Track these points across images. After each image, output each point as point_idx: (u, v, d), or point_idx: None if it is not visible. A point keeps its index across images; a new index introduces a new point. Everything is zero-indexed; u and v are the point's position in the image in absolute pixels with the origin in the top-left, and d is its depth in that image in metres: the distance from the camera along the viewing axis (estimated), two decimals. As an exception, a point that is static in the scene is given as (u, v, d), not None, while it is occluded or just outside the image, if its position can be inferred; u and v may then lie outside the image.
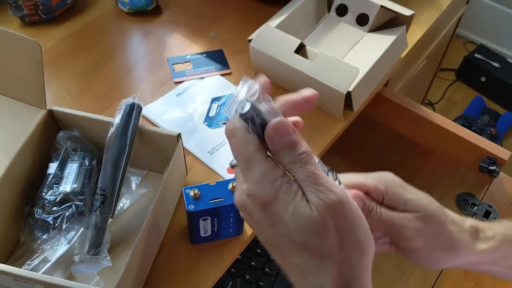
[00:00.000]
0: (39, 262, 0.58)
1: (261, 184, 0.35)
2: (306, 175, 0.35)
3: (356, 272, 0.35)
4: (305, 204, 0.34)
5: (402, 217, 0.44)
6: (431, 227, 0.44)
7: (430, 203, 0.45)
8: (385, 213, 0.44)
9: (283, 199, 0.34)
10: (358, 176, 0.45)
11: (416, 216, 0.43)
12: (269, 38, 0.75)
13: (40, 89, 0.62)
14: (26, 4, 0.84)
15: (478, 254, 0.46)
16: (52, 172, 0.61)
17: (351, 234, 0.35)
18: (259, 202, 0.35)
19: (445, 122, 0.85)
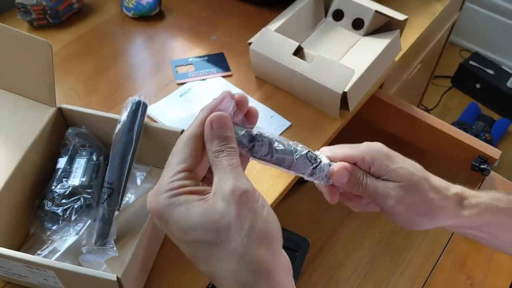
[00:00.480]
0: (49, 252, 0.61)
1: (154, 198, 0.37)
2: (228, 164, 0.36)
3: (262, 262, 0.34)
4: (197, 204, 0.35)
5: (386, 185, 0.47)
6: (412, 195, 0.47)
7: (413, 173, 0.48)
8: (370, 182, 0.47)
9: (172, 208, 0.35)
10: (347, 149, 0.49)
11: (398, 185, 0.47)
12: (269, 41, 0.78)
13: (50, 87, 0.65)
14: (35, 9, 0.87)
15: (460, 219, 0.50)
16: (61, 167, 0.64)
17: (253, 223, 0.34)
18: (155, 217, 0.36)
19: (438, 123, 0.88)
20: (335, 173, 0.46)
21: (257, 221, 0.35)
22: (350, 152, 0.48)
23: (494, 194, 0.52)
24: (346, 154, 0.48)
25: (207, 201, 0.35)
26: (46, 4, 0.87)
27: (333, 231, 0.82)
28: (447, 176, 0.89)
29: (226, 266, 0.34)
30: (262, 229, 0.35)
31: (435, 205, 0.48)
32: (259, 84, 0.84)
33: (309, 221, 0.83)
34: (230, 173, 0.36)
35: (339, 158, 0.48)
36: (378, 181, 0.48)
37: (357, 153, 0.48)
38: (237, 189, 0.35)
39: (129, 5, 0.92)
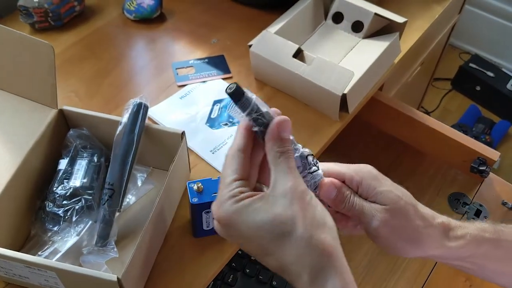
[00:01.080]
0: (50, 253, 0.61)
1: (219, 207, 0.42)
2: (287, 167, 0.41)
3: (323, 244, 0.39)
4: (260, 204, 0.40)
5: (372, 207, 0.48)
6: (397, 219, 0.48)
7: (400, 197, 0.48)
8: (357, 201, 0.48)
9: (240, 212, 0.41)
10: (339, 166, 0.50)
11: (384, 208, 0.47)
12: (269, 44, 0.79)
13: (52, 89, 0.65)
14: (36, 11, 0.88)
15: (446, 250, 0.50)
16: (63, 168, 0.64)
17: (313, 213, 0.40)
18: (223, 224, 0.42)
19: (437, 125, 0.88)
20: (324, 186, 0.47)
21: (316, 213, 0.40)
22: (340, 169, 0.49)
23: (480, 225, 0.52)
24: (336, 171, 0.49)
25: (268, 199, 0.40)
26: (48, 6, 0.88)
27: (332, 233, 0.82)
28: (447, 177, 0.90)
29: (297, 252, 0.39)
30: (322, 218, 0.40)
31: (420, 232, 0.48)
32: (259, 86, 0.85)
33: (308, 222, 0.83)
34: (290, 174, 0.41)
35: (328, 174, 0.49)
36: (365, 202, 0.48)
37: (347, 171, 0.49)
38: (297, 188, 0.40)
39: (131, 7, 0.93)
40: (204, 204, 0.58)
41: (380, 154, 0.94)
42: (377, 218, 0.47)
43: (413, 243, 0.49)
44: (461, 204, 0.85)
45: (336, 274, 0.39)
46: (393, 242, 0.49)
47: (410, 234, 0.48)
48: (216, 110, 0.80)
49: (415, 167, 0.92)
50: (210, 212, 0.60)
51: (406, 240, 0.49)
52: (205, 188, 0.59)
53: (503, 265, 0.53)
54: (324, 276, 0.38)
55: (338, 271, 0.39)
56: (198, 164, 0.73)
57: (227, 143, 0.76)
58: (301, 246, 0.39)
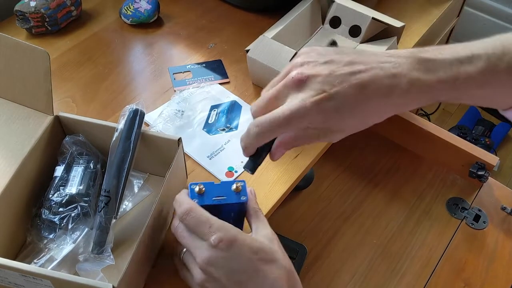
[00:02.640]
0: (46, 261, 0.61)
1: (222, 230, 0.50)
2: (263, 218, 0.56)
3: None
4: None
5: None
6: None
7: None
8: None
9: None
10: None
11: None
12: (266, 49, 0.79)
13: (48, 96, 0.65)
14: (33, 16, 0.87)
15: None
16: (59, 175, 0.64)
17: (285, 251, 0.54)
18: (228, 240, 0.48)
19: (436, 130, 0.88)
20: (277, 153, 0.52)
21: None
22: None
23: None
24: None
25: (256, 237, 0.52)
26: (45, 11, 0.87)
27: (330, 238, 0.82)
28: (444, 182, 0.90)
29: (278, 275, 0.49)
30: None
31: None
32: (256, 91, 0.84)
33: (306, 228, 0.83)
34: (267, 223, 0.54)
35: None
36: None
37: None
38: (273, 233, 0.53)
39: (128, 12, 0.93)
40: (204, 206, 0.56)
41: (378, 159, 0.93)
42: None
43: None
44: (459, 209, 0.85)
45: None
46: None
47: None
48: (213, 116, 0.80)
49: (413, 171, 0.91)
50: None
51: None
52: (207, 191, 0.56)
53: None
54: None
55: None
56: (195, 169, 0.73)
57: (224, 148, 0.75)
58: (283, 273, 0.50)
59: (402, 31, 0.86)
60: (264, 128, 0.47)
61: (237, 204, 0.55)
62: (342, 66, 0.44)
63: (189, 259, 0.52)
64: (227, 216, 0.58)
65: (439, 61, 0.45)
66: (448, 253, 0.80)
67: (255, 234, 0.52)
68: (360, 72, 0.43)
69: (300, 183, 0.82)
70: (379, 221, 0.84)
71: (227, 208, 0.57)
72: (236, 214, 0.59)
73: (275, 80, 0.49)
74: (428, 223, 0.84)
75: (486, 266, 0.79)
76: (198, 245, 0.49)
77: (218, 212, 0.56)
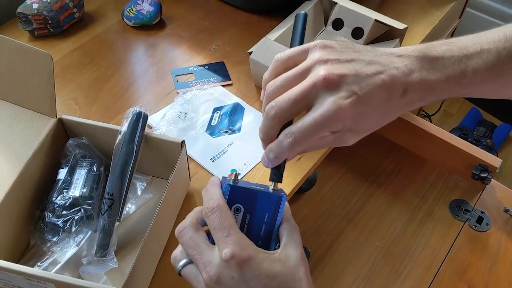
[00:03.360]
0: (49, 264, 0.61)
1: (243, 243, 0.42)
2: (299, 240, 0.46)
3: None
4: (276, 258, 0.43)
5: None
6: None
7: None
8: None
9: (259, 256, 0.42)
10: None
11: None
12: (269, 51, 0.78)
13: (51, 98, 0.65)
14: (36, 19, 0.87)
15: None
16: (62, 178, 0.64)
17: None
18: (240, 259, 0.41)
19: (438, 131, 0.88)
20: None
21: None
22: None
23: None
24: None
25: (281, 257, 0.43)
26: (47, 13, 0.87)
27: (333, 240, 0.82)
28: (447, 184, 0.90)
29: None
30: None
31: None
32: (259, 93, 0.84)
33: (309, 229, 0.83)
34: (299, 244, 0.45)
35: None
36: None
37: None
38: (303, 257, 0.44)
39: (130, 14, 0.93)
40: (238, 189, 0.45)
41: (381, 161, 0.93)
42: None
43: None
44: (462, 211, 0.85)
45: None
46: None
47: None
48: (216, 118, 0.80)
49: (416, 173, 0.91)
50: (240, 210, 0.47)
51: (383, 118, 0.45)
52: (241, 182, 0.47)
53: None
54: None
55: None
56: (198, 172, 0.73)
57: (227, 151, 0.75)
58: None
59: (405, 33, 0.86)
60: (298, 138, 0.43)
61: (274, 199, 0.46)
62: (365, 66, 0.43)
63: (191, 274, 0.44)
64: (259, 217, 0.47)
65: (447, 59, 0.45)
66: (451, 255, 0.80)
67: (281, 254, 0.43)
68: (380, 73, 0.43)
69: (303, 185, 0.82)
70: (382, 223, 0.84)
71: (262, 201, 0.46)
72: (270, 217, 0.47)
73: (290, 74, 0.44)
74: (431, 225, 0.84)
75: (489, 268, 0.79)
76: (207, 257, 0.42)
77: (252, 206, 0.47)
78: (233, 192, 0.45)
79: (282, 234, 0.45)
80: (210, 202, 0.43)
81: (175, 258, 0.45)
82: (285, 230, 0.45)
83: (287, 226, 0.45)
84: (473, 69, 0.44)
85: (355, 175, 0.91)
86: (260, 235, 0.46)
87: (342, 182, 0.90)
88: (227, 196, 0.45)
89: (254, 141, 0.77)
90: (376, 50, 0.45)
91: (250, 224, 0.46)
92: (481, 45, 0.45)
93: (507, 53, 0.45)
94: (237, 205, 0.46)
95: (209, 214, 0.43)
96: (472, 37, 0.46)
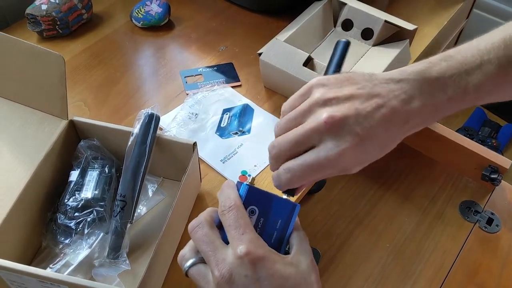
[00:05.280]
0: (62, 266, 0.61)
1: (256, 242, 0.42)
2: (309, 248, 0.46)
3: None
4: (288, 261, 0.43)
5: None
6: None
7: None
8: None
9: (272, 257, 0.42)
10: None
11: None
12: (278, 52, 0.78)
13: (63, 100, 0.65)
14: (44, 20, 0.87)
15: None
16: (74, 180, 0.64)
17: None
18: (255, 257, 0.40)
19: (447, 132, 0.87)
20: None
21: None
22: None
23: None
24: None
25: (292, 261, 0.43)
26: (56, 15, 0.87)
27: (343, 242, 0.82)
28: (457, 185, 0.89)
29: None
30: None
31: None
32: (268, 94, 0.84)
33: (319, 231, 0.83)
34: (309, 252, 0.45)
35: None
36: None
37: None
38: (314, 264, 0.44)
39: (139, 15, 0.93)
40: (253, 191, 0.45)
41: (390, 162, 0.93)
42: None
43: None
44: (472, 213, 0.84)
45: None
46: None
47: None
48: (225, 119, 0.80)
49: (425, 174, 0.91)
50: (255, 212, 0.47)
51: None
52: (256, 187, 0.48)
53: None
54: None
55: None
56: (208, 173, 0.73)
57: (237, 152, 0.75)
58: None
59: (414, 34, 0.85)
60: (296, 176, 0.44)
61: (289, 206, 0.46)
62: (364, 102, 0.43)
63: (199, 274, 0.42)
64: (273, 223, 0.47)
65: (447, 78, 0.44)
66: (462, 257, 0.79)
67: (293, 259, 0.43)
68: (380, 107, 0.43)
69: (312, 187, 0.82)
70: (392, 224, 0.84)
71: (277, 206, 0.47)
72: (283, 224, 0.47)
73: (291, 116, 0.45)
74: (441, 227, 0.83)
75: (499, 269, 0.78)
76: (220, 255, 0.41)
77: (267, 209, 0.47)
78: (250, 192, 0.45)
79: (293, 243, 0.45)
80: (227, 201, 0.43)
81: (183, 257, 0.44)
82: (296, 238, 0.45)
83: (297, 234, 0.45)
84: (474, 85, 0.44)
85: (365, 177, 0.90)
86: (270, 242, 0.45)
87: (351, 184, 0.89)
88: (244, 196, 0.45)
89: (264, 142, 0.77)
90: (374, 77, 0.45)
91: (263, 228, 0.46)
92: (480, 56, 0.44)
93: (507, 60, 0.44)
94: (253, 207, 0.46)
95: (226, 212, 0.43)
96: (471, 47, 0.46)
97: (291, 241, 0.45)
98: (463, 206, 0.86)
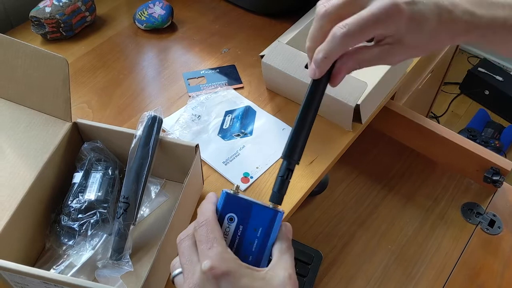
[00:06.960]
0: (65, 267, 0.61)
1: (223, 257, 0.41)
2: (291, 261, 0.44)
3: None
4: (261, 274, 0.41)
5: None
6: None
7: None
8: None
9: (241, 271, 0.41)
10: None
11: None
12: (281, 54, 0.79)
13: (66, 103, 0.65)
14: (48, 22, 0.88)
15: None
16: (77, 181, 0.64)
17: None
18: (219, 272, 0.40)
19: (449, 134, 0.88)
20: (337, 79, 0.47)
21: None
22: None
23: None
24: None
25: (266, 275, 0.42)
26: (60, 17, 0.88)
27: (345, 243, 0.82)
28: (459, 187, 0.90)
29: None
30: None
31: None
32: (270, 96, 0.85)
33: (321, 232, 0.83)
34: (289, 264, 0.43)
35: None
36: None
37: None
38: (290, 278, 0.42)
39: (142, 17, 0.93)
40: (234, 198, 0.45)
41: (392, 163, 0.93)
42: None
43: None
44: (474, 214, 0.85)
45: None
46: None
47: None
48: (228, 121, 0.80)
49: (427, 176, 0.91)
50: (234, 219, 0.46)
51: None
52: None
53: None
54: None
55: None
56: (210, 175, 0.73)
57: (240, 154, 0.76)
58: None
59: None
60: (352, 29, 0.42)
61: (269, 214, 0.45)
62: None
63: (179, 284, 0.44)
64: (252, 231, 0.46)
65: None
66: (464, 258, 0.79)
67: (267, 273, 0.42)
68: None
69: (315, 188, 0.82)
70: (394, 226, 0.84)
71: (256, 214, 0.46)
72: (264, 233, 0.46)
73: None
74: (443, 228, 0.84)
75: (501, 271, 0.78)
76: (193, 268, 0.42)
77: (246, 216, 0.46)
78: (227, 200, 0.45)
79: (274, 254, 0.44)
80: (201, 217, 0.44)
81: (173, 266, 0.46)
82: (277, 250, 0.44)
83: (279, 246, 0.44)
84: (502, 17, 0.44)
85: (367, 178, 0.91)
86: (251, 250, 0.45)
87: (354, 185, 0.90)
88: (222, 203, 0.45)
89: (266, 144, 0.77)
90: None
91: (242, 236, 0.45)
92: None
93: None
94: (231, 214, 0.46)
95: (197, 227, 0.44)
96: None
97: (272, 252, 0.44)
98: (465, 208, 0.86)
